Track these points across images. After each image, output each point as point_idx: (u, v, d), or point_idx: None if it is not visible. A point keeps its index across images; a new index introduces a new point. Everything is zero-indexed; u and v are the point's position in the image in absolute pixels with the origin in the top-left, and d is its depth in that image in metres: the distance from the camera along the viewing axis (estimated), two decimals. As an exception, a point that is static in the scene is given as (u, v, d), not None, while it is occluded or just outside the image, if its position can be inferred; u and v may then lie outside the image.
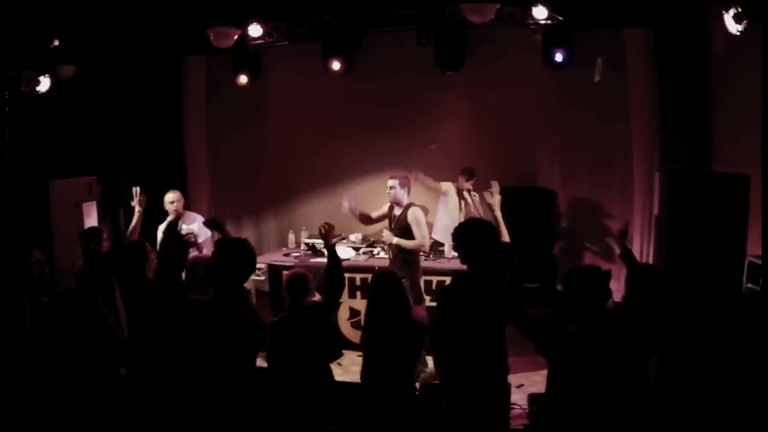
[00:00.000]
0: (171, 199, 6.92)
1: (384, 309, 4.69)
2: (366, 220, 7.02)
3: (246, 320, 3.92)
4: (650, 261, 6.79)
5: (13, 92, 6.71)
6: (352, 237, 8.36)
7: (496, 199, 4.88)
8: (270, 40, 8.25)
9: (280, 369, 4.62)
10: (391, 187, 6.61)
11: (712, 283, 5.34)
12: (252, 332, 3.96)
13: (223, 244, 4.27)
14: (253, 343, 4.00)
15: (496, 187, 4.97)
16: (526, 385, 6.40)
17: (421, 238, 6.47)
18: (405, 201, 6.63)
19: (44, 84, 6.98)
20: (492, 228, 4.45)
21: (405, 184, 6.65)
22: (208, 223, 5.59)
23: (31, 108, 7.12)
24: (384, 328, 4.68)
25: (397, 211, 6.64)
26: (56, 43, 6.96)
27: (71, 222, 6.84)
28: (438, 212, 8.40)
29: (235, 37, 7.76)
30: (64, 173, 7.00)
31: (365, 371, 4.85)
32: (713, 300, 5.25)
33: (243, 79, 8.63)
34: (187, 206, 7.31)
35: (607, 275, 4.04)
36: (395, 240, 6.49)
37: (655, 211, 6.18)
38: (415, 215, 6.50)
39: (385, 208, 6.85)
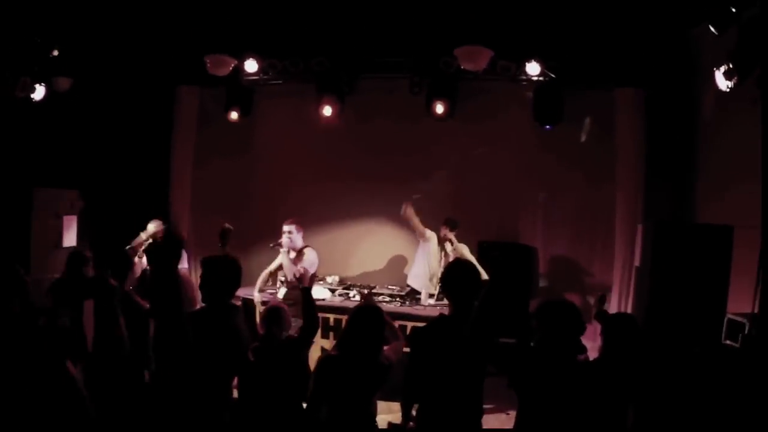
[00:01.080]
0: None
1: (358, 341, 4.56)
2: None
3: (238, 327, 4.09)
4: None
5: (7, 97, 6.68)
6: (329, 279, 8.32)
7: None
8: (264, 77, 8.35)
9: (248, 398, 4.52)
10: (289, 232, 6.85)
11: (691, 336, 5.31)
12: (244, 340, 4.09)
13: (207, 262, 4.38)
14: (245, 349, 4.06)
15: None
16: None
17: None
18: (299, 244, 6.95)
19: (39, 92, 6.97)
20: (478, 272, 4.45)
21: (300, 229, 6.98)
22: (222, 231, 6.03)
23: (23, 115, 7.10)
24: (352, 362, 4.54)
25: (292, 255, 6.87)
26: (55, 52, 6.96)
27: (51, 233, 6.77)
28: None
29: (231, 66, 7.83)
30: (47, 183, 6.94)
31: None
32: (691, 354, 5.22)
33: (234, 115, 8.60)
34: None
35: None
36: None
37: (637, 262, 6.16)
38: (306, 254, 6.80)
39: (277, 262, 7.12)
